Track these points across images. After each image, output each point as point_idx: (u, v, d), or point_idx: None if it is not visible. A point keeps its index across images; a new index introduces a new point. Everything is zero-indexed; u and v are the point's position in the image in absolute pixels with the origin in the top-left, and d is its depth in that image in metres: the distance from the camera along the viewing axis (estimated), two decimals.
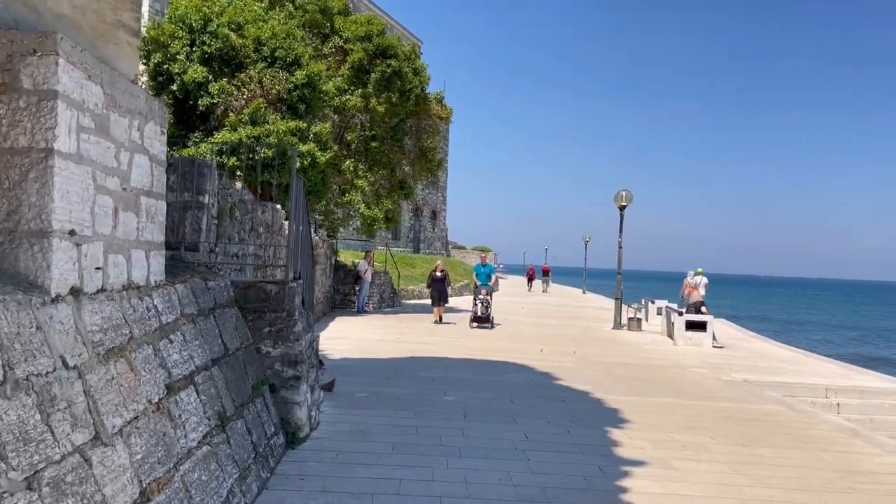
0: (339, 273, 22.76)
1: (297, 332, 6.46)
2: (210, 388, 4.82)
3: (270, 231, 11.41)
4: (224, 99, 17.17)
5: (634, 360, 14.03)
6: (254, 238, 10.41)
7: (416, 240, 46.28)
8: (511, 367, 12.17)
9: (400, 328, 17.64)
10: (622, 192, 20.68)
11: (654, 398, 9.88)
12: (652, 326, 21.23)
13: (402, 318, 20.42)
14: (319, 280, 18.90)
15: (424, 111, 21.69)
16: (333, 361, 11.50)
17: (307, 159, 17.47)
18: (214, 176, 7.54)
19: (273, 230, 11.50)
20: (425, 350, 13.68)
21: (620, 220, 20.88)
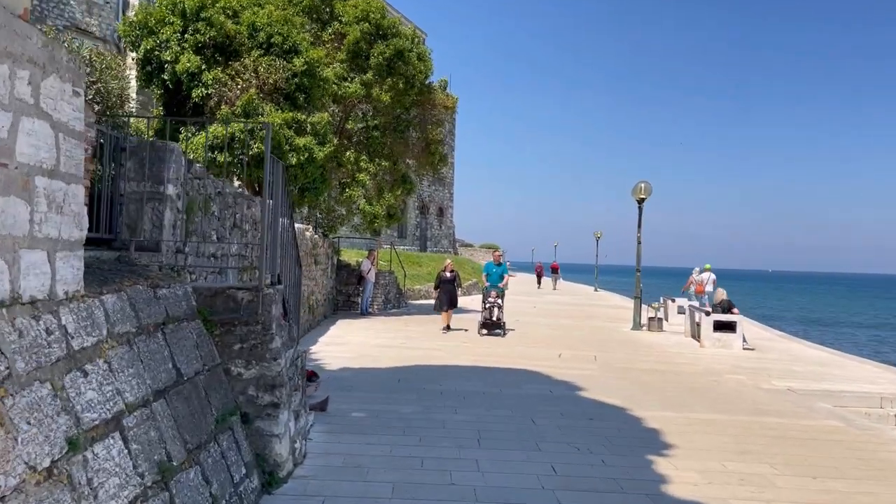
0: (341, 273, 21.62)
1: (274, 349, 5.30)
2: (147, 432, 3.66)
3: (255, 227, 10.26)
4: (218, 90, 16.05)
5: (661, 365, 12.82)
6: (238, 236, 9.26)
7: (423, 238, 45.11)
8: (527, 376, 10.99)
9: (405, 332, 16.48)
10: (640, 183, 19.45)
11: (694, 413, 8.68)
12: (673, 326, 20.00)
13: (408, 321, 19.26)
14: (320, 281, 17.77)
15: (429, 100, 20.50)
16: (330, 373, 10.34)
17: (304, 154, 16.34)
18: (181, 162, 6.38)
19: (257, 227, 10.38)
20: (432, 357, 12.52)
21: (639, 214, 19.64)
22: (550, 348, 14.42)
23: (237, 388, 5.23)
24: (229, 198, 8.55)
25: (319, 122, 17.20)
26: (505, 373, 11.17)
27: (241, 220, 9.02)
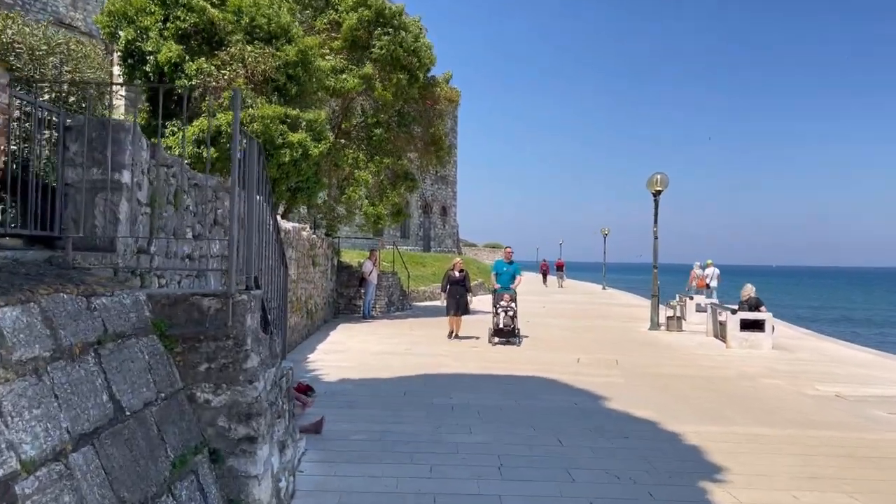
0: (342, 275, 20.61)
1: (249, 370, 4.28)
2: (58, 498, 2.64)
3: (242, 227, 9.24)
4: (203, 80, 15.05)
5: (688, 369, 11.78)
6: (220, 234, 8.25)
7: (426, 237, 44.09)
8: (546, 385, 9.96)
9: (410, 337, 15.45)
10: (656, 175, 18.40)
11: (739, 427, 7.64)
12: (692, 325, 18.95)
13: (413, 325, 18.23)
14: (319, 283, 16.76)
15: (431, 94, 19.48)
16: (328, 385, 9.32)
17: (297, 151, 15.32)
18: (141, 145, 5.37)
19: None
20: (440, 365, 11.49)
21: (655, 207, 18.59)
22: (567, 352, 13.39)
23: (204, 419, 4.21)
24: (208, 191, 7.53)
25: (315, 120, 16.22)
26: (520, 382, 10.13)
27: (223, 217, 8.00)
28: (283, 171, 15.39)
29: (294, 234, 13.28)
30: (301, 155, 15.47)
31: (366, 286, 19.69)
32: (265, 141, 14.69)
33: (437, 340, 14.75)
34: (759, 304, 14.77)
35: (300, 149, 15.37)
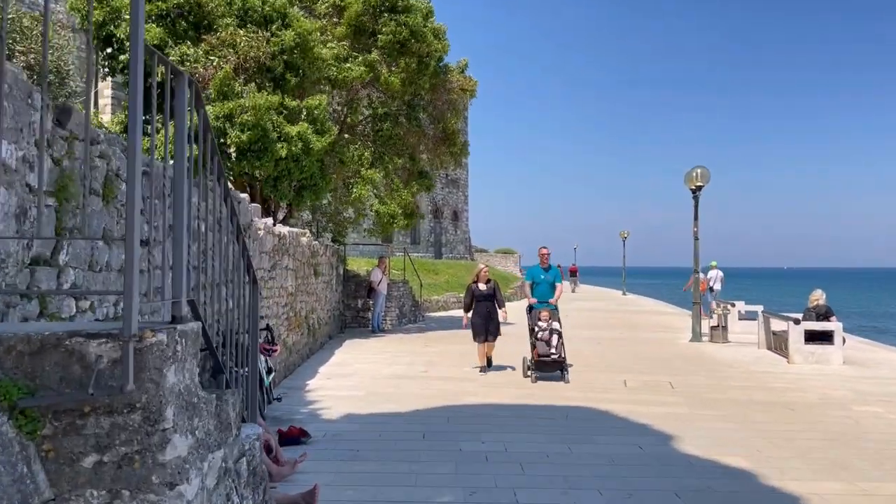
0: (349, 285, 18.85)
1: (171, 463, 2.48)
2: None
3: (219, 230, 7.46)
4: (189, 68, 13.33)
5: (759, 392, 9.91)
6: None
7: (438, 243, 42.31)
8: (596, 419, 8.13)
9: (426, 354, 13.64)
10: (696, 170, 16.54)
11: (866, 482, 5.79)
12: (736, 335, 17.06)
13: (428, 339, 16.42)
14: (322, 295, 14.99)
15: (444, 84, 17.72)
16: (328, 425, 7.52)
17: (297, 144, 13.58)
18: (34, 104, 3.60)
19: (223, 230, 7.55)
20: (465, 391, 9.68)
21: (695, 205, 16.73)
22: (607, 371, 11.55)
23: None
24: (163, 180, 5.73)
25: (317, 107, 14.49)
26: (565, 413, 8.31)
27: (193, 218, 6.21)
28: (281, 167, 13.64)
29: (291, 239, 11.52)
30: (302, 149, 13.75)
31: (374, 297, 17.92)
32: (259, 135, 12.98)
33: (456, 359, 12.94)
34: (828, 312, 12.87)
35: (300, 142, 13.65)
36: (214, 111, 12.68)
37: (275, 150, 12.96)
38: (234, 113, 12.68)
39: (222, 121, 12.58)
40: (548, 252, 11.53)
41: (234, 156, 13.18)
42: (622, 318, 24.45)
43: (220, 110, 12.61)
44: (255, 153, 13.13)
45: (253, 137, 12.89)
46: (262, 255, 9.41)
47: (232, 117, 12.84)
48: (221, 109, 12.64)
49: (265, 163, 13.26)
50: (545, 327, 10.81)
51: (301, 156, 13.84)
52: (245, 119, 12.75)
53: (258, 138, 13.05)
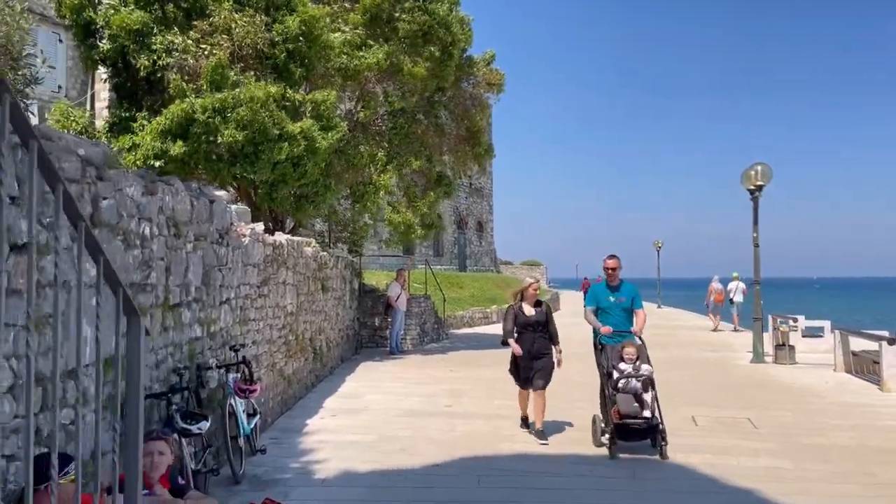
0: (365, 301, 17.08)
1: None
2: None
3: (177, 235, 5.58)
4: (178, 59, 11.72)
5: (871, 435, 7.89)
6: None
7: (462, 255, 40.45)
8: (674, 476, 6.22)
9: (450, 381, 11.79)
10: (756, 167, 14.54)
11: None
12: (802, 355, 14.96)
13: (452, 361, 14.55)
14: (332, 313, 13.24)
15: (468, 77, 15.96)
16: (322, 491, 5.70)
17: (299, 144, 11.87)
18: None
19: (184, 236, 5.66)
20: (500, 435, 7.82)
21: (754, 208, 14.73)
22: (669, 404, 9.53)
23: None
24: (60, 143, 3.95)
25: (323, 101, 12.78)
26: (630, 471, 6.41)
27: (100, 212, 4.45)
28: (280, 171, 11.93)
29: (291, 250, 9.78)
30: (305, 150, 12.03)
31: (392, 314, 16.12)
32: (255, 132, 11.26)
33: (485, 386, 11.08)
34: None
35: (303, 141, 11.94)
36: (202, 104, 11.01)
37: (275, 151, 11.25)
38: (226, 106, 10.99)
39: (211, 114, 10.89)
40: (617, 264, 7.77)
41: (226, 157, 11.49)
42: (667, 335, 22.34)
43: (210, 103, 10.93)
44: (248, 156, 11.41)
45: (249, 137, 11.21)
46: (249, 267, 7.66)
47: (224, 111, 11.16)
48: (211, 102, 10.96)
49: (261, 166, 11.54)
50: (631, 371, 7.20)
51: (304, 157, 12.13)
52: (241, 114, 11.06)
53: (254, 137, 11.36)
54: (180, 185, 5.65)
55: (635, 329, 7.56)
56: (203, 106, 11.05)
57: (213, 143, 11.21)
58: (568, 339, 9.77)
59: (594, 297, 7.93)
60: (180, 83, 11.20)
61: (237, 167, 11.58)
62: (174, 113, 10.98)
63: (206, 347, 6.25)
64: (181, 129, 11.12)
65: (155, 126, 11.18)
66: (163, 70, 11.50)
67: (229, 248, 6.93)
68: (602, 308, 7.74)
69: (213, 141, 11.18)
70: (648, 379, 7.21)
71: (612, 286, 7.82)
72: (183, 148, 10.99)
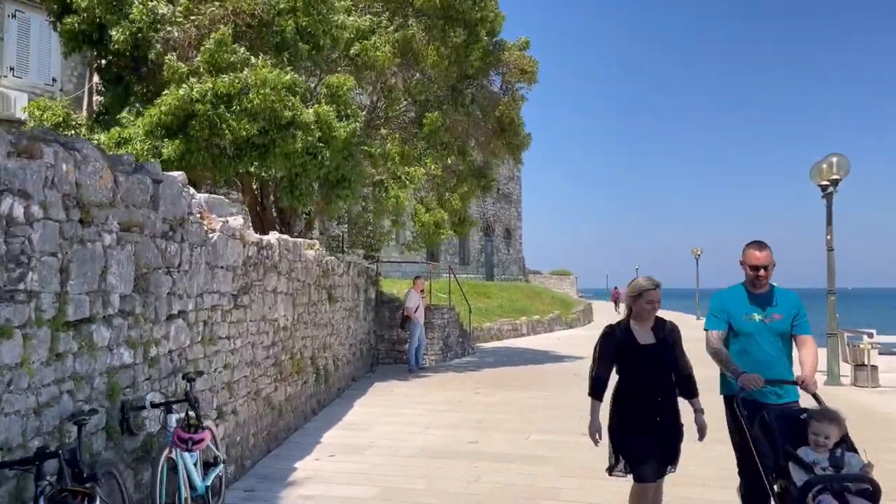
0: (381, 311, 15.41)
1: None
2: None
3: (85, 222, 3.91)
4: (164, 32, 10.19)
5: None
6: None
7: (489, 264, 38.65)
8: None
9: (477, 407, 10.02)
10: (831, 158, 12.60)
11: None
12: (883, 375, 12.91)
13: (478, 381, 12.77)
14: (342, 327, 11.58)
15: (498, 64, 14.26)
16: None
17: (315, 133, 10.27)
18: None
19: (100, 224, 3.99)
20: (539, 486, 6.04)
21: (827, 206, 12.79)
22: None
23: None
24: None
25: (339, 86, 11.18)
26: None
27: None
28: (299, 162, 10.25)
29: (284, 251, 8.12)
30: (320, 139, 10.40)
31: (411, 327, 14.39)
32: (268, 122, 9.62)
33: (518, 415, 9.30)
34: None
35: (319, 130, 10.28)
36: (202, 90, 9.38)
37: (287, 142, 9.62)
38: (232, 93, 9.36)
39: (214, 103, 9.25)
40: (769, 259, 4.49)
41: (230, 152, 9.87)
42: None
43: (212, 89, 9.31)
44: (257, 148, 9.80)
45: (261, 128, 9.60)
46: (219, 271, 6.00)
47: (230, 100, 9.52)
48: (214, 88, 9.33)
49: (273, 160, 9.91)
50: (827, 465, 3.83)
51: (320, 147, 10.50)
52: (254, 101, 9.39)
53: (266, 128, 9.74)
54: (92, 151, 4.00)
55: (805, 376, 4.31)
56: (203, 93, 9.42)
57: (216, 136, 9.58)
58: None
59: (722, 309, 4.58)
60: (175, 64, 9.65)
61: (243, 163, 9.96)
62: (169, 102, 9.37)
63: (143, 378, 4.59)
64: (179, 122, 9.50)
65: (147, 119, 9.58)
66: (146, 45, 9.97)
67: (185, 244, 5.27)
68: (739, 332, 4.50)
69: (218, 135, 9.55)
70: (872, 488, 3.64)
71: (757, 293, 4.53)
72: (180, 147, 9.35)
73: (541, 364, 15.45)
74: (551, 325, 26.49)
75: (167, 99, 9.16)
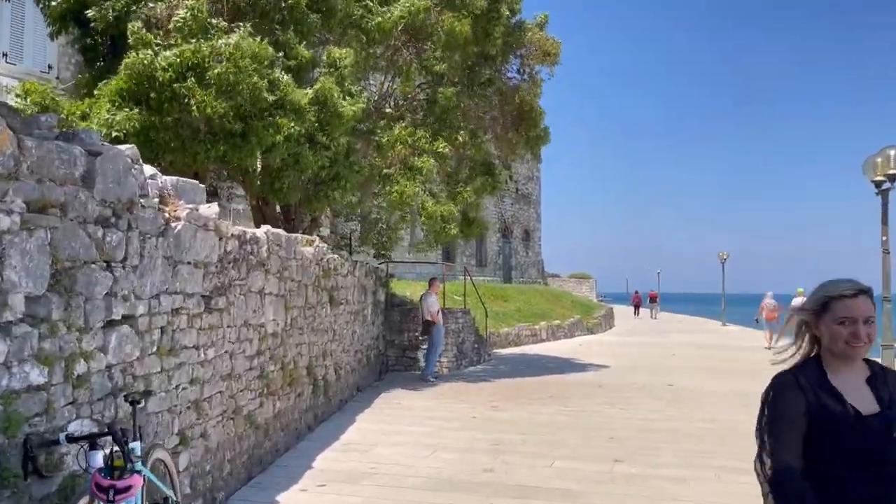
0: (392, 315, 14.38)
1: None
2: None
3: None
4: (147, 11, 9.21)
5: None
6: None
7: (507, 266, 37.52)
8: None
9: (493, 424, 8.94)
10: (888, 151, 11.40)
11: None
12: None
13: (496, 391, 11.67)
14: (348, 333, 10.58)
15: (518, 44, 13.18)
16: None
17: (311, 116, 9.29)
18: None
19: None
20: None
21: (883, 204, 11.60)
22: None
23: None
24: None
25: (342, 58, 10.19)
26: None
27: None
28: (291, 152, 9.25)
29: (273, 246, 7.11)
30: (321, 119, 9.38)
31: (435, 333, 13.33)
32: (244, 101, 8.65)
33: (538, 433, 8.22)
34: None
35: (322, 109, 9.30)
36: (166, 59, 8.39)
37: (269, 129, 8.62)
38: (201, 62, 8.40)
39: (177, 72, 8.29)
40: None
41: (204, 134, 8.87)
42: (748, 358, 19.06)
43: (177, 57, 8.34)
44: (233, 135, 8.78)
45: (234, 107, 8.60)
46: (184, 267, 5.00)
47: (199, 70, 8.55)
48: (179, 56, 8.36)
49: (249, 151, 8.89)
50: None
51: (323, 127, 9.48)
52: (222, 74, 8.43)
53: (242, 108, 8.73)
54: None
55: None
56: (168, 61, 8.44)
57: (185, 113, 8.60)
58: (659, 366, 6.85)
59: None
60: (141, 32, 8.68)
61: (215, 149, 8.93)
62: (129, 68, 8.42)
63: (64, 402, 3.58)
64: (139, 91, 8.52)
65: (110, 88, 8.66)
66: (126, 22, 9.01)
67: (134, 233, 4.26)
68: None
69: (186, 111, 8.58)
70: None
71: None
72: (136, 118, 8.37)
73: (562, 374, 14.34)
74: (572, 330, 25.32)
75: (127, 63, 8.19)
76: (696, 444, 7.94)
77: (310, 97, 9.46)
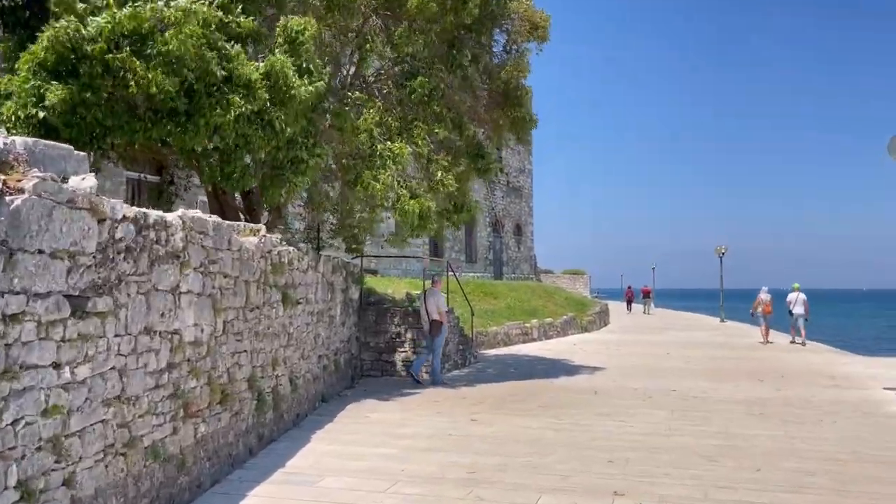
0: (367, 314, 13.08)
1: None
2: None
3: None
4: None
5: None
6: None
7: (498, 261, 36.20)
8: None
9: (469, 444, 7.62)
10: None
11: None
12: None
13: (477, 398, 10.32)
14: (309, 338, 9.28)
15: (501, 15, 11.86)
16: None
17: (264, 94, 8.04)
18: None
19: None
20: None
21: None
22: None
23: None
24: None
25: (300, 31, 8.92)
26: None
27: None
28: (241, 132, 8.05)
29: (195, 234, 5.78)
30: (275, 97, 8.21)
31: (437, 335, 12.11)
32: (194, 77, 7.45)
33: (524, 454, 6.91)
34: None
35: (273, 84, 8.14)
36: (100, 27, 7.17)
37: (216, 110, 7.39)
38: (140, 30, 7.11)
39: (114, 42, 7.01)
40: None
41: (143, 111, 7.66)
42: (750, 357, 17.82)
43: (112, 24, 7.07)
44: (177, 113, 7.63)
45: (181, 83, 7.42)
46: (35, 257, 3.67)
47: (143, 42, 7.32)
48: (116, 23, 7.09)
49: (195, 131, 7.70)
50: None
51: (274, 107, 8.26)
52: (171, 45, 7.21)
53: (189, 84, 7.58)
54: None
55: None
56: (98, 29, 7.20)
57: (120, 88, 7.38)
58: None
59: None
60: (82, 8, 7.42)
61: (157, 128, 7.76)
62: (49, 35, 7.16)
63: None
64: (64, 63, 7.29)
65: (28, 58, 7.38)
66: None
67: None
68: None
69: (121, 85, 7.35)
70: None
71: None
72: (62, 92, 7.12)
73: (554, 378, 13.04)
74: (565, 328, 24.03)
75: (47, 32, 6.91)
76: (710, 468, 6.66)
77: (262, 71, 8.25)
